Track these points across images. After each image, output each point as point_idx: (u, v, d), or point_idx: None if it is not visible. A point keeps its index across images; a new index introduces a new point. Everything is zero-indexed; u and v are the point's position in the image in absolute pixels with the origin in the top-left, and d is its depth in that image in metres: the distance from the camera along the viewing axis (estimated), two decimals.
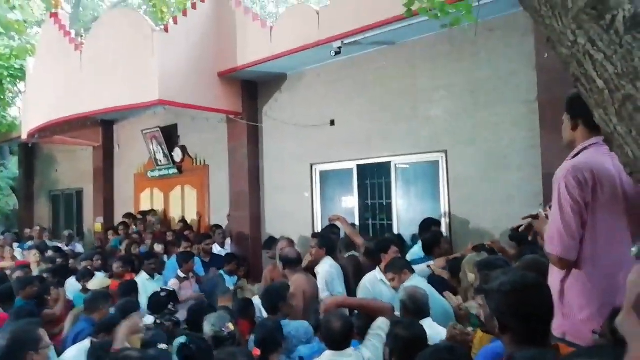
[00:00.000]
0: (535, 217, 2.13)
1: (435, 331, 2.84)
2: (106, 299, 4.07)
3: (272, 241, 5.98)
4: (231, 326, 3.16)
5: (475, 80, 5.24)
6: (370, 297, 3.87)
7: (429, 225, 5.00)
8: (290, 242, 5.44)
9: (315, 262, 4.51)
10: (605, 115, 1.50)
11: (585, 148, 2.02)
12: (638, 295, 0.61)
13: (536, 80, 4.66)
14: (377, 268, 4.04)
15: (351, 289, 4.43)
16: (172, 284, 5.19)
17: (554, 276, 2.00)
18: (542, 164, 4.58)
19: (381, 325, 2.58)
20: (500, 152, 5.07)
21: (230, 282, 5.53)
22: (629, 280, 0.64)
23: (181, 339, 3.32)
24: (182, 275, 5.29)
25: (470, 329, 2.95)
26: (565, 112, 2.11)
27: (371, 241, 4.72)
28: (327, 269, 4.30)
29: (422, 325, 2.46)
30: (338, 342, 2.58)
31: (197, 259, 5.86)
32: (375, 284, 3.90)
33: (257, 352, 2.82)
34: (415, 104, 5.68)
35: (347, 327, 2.62)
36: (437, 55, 5.50)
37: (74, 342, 3.67)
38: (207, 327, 3.18)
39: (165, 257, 6.37)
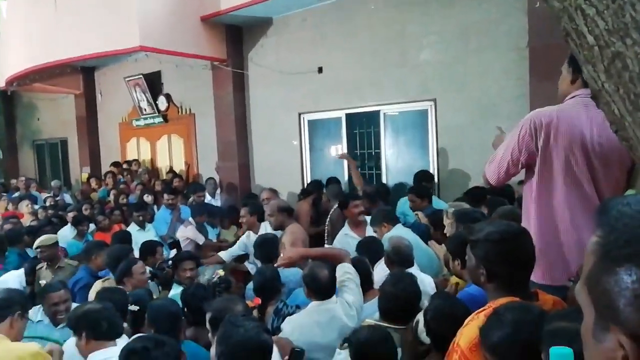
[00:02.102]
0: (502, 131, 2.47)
1: (418, 279, 2.92)
2: (100, 247, 4.19)
3: (253, 196, 6.00)
4: (220, 272, 3.30)
5: (466, 26, 5.10)
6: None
7: (420, 180, 5.02)
8: (274, 192, 5.47)
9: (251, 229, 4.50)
10: (594, 72, 1.48)
11: (569, 99, 2.06)
12: (588, 271, 0.61)
13: (527, 26, 4.55)
14: (345, 223, 4.16)
15: (333, 235, 4.54)
16: (190, 232, 5.18)
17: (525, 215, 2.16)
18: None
19: (347, 270, 2.63)
20: (489, 100, 5.03)
21: (212, 233, 5.59)
22: (587, 249, 0.65)
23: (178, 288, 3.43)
24: (194, 224, 5.29)
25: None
26: (567, 64, 2.10)
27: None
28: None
29: (411, 276, 2.51)
30: (326, 291, 2.63)
31: (185, 208, 5.91)
32: (342, 240, 4.04)
33: (258, 300, 2.88)
34: (405, 50, 5.55)
35: (332, 276, 2.69)
36: None
37: (73, 289, 3.79)
38: (202, 279, 3.32)
39: (155, 208, 6.38)
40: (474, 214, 2.93)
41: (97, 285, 3.54)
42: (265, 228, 4.34)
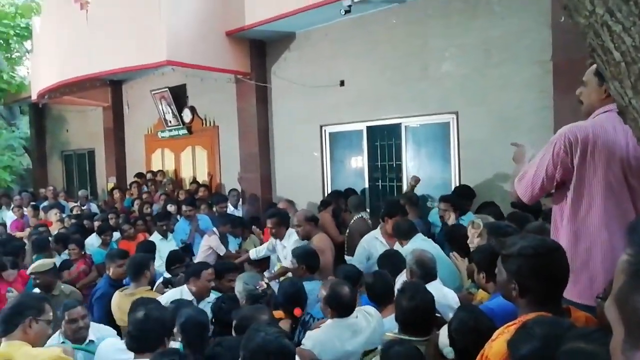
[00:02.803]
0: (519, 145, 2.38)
1: (442, 293, 2.91)
2: (122, 257, 4.12)
3: (273, 206, 6.07)
4: (264, 284, 3.29)
5: (487, 39, 5.12)
6: (365, 253, 4.10)
7: (458, 194, 5.02)
8: (290, 203, 5.53)
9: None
10: (621, 88, 1.49)
11: (601, 113, 2.01)
12: (618, 288, 0.62)
13: (551, 39, 4.54)
14: (378, 228, 4.21)
15: (354, 247, 4.56)
16: (214, 242, 5.26)
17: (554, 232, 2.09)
18: (554, 126, 4.53)
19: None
20: (511, 113, 5.01)
21: (234, 243, 5.66)
22: (617, 267, 0.67)
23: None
24: (217, 234, 5.38)
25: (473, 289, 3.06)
26: (597, 78, 2.03)
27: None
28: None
29: (426, 290, 2.51)
30: (348, 308, 2.62)
31: (204, 218, 6.01)
32: (370, 241, 4.13)
33: (299, 311, 2.90)
34: (426, 63, 5.58)
35: (353, 292, 2.70)
36: (449, 12, 5.35)
37: (93, 296, 3.94)
38: (240, 286, 3.28)
39: (178, 217, 6.50)
40: (506, 227, 2.89)
41: (117, 296, 3.56)
42: (289, 236, 4.40)
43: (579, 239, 1.97)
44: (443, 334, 2.18)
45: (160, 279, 4.18)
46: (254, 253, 4.81)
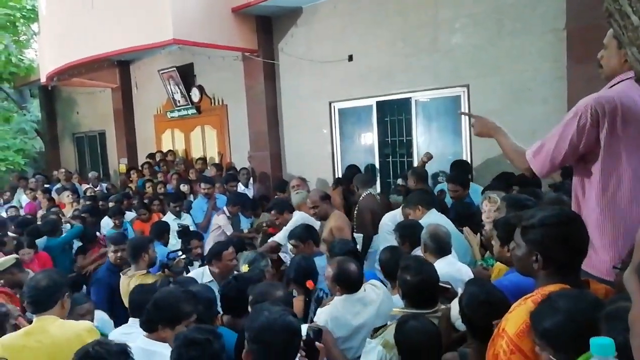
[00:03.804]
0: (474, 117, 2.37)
1: (455, 268, 2.91)
2: (117, 242, 4.16)
3: (284, 184, 6.08)
4: (267, 266, 3.33)
5: (499, 8, 4.98)
6: (390, 233, 3.98)
7: (459, 169, 5.01)
8: (303, 181, 5.52)
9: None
10: (639, 54, 1.44)
11: (622, 80, 1.92)
12: None
13: (565, 7, 4.41)
14: (400, 209, 4.10)
15: (366, 225, 4.56)
16: (222, 220, 5.32)
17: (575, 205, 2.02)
18: (568, 96, 4.43)
19: None
20: (523, 84, 4.91)
21: (246, 223, 5.70)
22: (637, 236, 0.65)
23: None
24: (228, 214, 5.43)
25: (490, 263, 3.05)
26: (616, 40, 1.90)
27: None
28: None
29: (428, 262, 2.52)
30: (356, 284, 2.63)
31: (221, 197, 6.06)
32: (396, 222, 3.98)
33: (311, 284, 2.95)
34: (437, 35, 5.46)
35: (360, 268, 2.71)
36: None
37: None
38: (242, 265, 3.33)
39: (191, 197, 6.55)
40: (526, 200, 2.85)
41: (121, 279, 3.64)
42: (295, 217, 4.35)
43: (609, 214, 1.89)
44: (454, 307, 2.18)
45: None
46: (282, 237, 4.32)
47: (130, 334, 2.60)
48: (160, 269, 3.81)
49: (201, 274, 3.49)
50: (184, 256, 3.84)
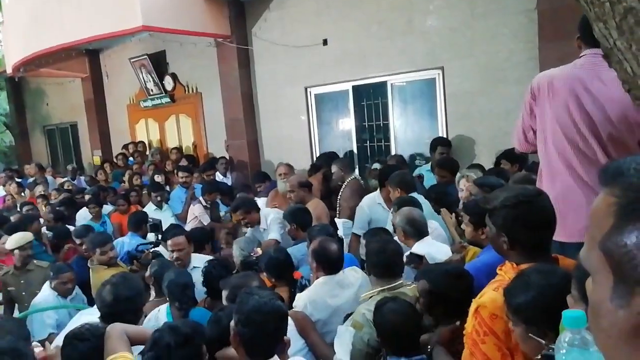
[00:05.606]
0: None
1: (435, 248, 2.90)
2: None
3: (263, 176, 5.97)
4: (259, 250, 3.30)
5: None
6: (366, 217, 3.96)
7: (437, 147, 4.97)
8: (290, 167, 5.45)
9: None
10: (605, 29, 1.44)
11: (584, 55, 2.03)
12: (605, 234, 0.58)
13: None
14: (378, 191, 4.07)
15: (352, 209, 4.53)
16: (198, 210, 5.24)
17: (537, 178, 2.21)
18: None
19: None
20: (498, 65, 4.95)
21: (225, 210, 5.63)
22: (592, 209, 0.62)
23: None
24: (204, 203, 5.36)
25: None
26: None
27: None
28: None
29: (391, 237, 2.59)
30: (335, 265, 2.63)
31: (199, 186, 5.97)
32: (372, 206, 3.98)
33: (299, 274, 2.93)
34: (411, 17, 5.44)
35: (340, 250, 2.72)
36: None
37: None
38: (237, 251, 3.31)
39: (167, 188, 6.44)
40: (494, 181, 2.87)
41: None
42: (266, 217, 4.16)
43: (548, 178, 2.08)
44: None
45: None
46: (278, 236, 4.04)
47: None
48: (129, 261, 3.77)
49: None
50: (153, 249, 3.80)
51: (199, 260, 3.45)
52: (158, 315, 2.72)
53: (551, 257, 1.66)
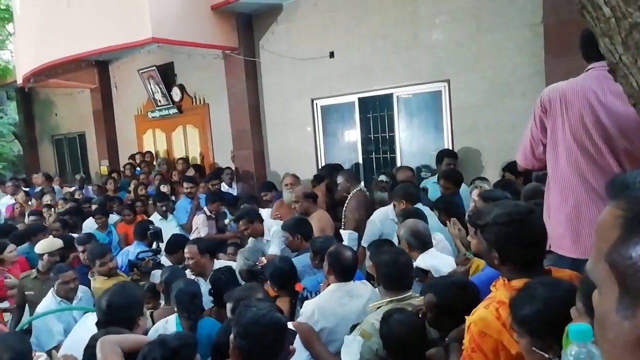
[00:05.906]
0: None
1: (440, 260, 2.90)
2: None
3: (270, 185, 6.00)
4: (264, 259, 3.30)
5: (478, 4, 5.02)
6: (377, 231, 3.90)
7: (442, 159, 4.98)
8: (296, 178, 5.47)
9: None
10: (611, 44, 1.46)
11: (592, 68, 2.03)
12: (611, 246, 0.59)
13: (541, 1, 4.46)
14: (392, 205, 3.98)
15: (359, 222, 4.51)
16: (200, 220, 5.26)
17: (545, 192, 2.16)
18: None
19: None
20: (503, 79, 4.96)
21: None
22: (599, 222, 0.62)
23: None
24: (208, 213, 5.37)
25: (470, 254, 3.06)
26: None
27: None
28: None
29: (403, 250, 2.59)
30: (348, 273, 2.63)
31: (202, 196, 5.99)
32: (385, 221, 3.91)
33: (300, 286, 2.91)
34: (417, 31, 5.49)
35: (355, 258, 2.72)
36: None
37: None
38: (241, 261, 3.31)
39: (172, 198, 6.47)
40: (500, 195, 2.85)
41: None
42: (269, 229, 4.15)
43: (559, 192, 2.02)
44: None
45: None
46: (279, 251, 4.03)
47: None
48: (129, 269, 3.78)
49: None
50: (153, 257, 3.82)
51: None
52: (166, 326, 2.70)
53: (544, 271, 1.66)
